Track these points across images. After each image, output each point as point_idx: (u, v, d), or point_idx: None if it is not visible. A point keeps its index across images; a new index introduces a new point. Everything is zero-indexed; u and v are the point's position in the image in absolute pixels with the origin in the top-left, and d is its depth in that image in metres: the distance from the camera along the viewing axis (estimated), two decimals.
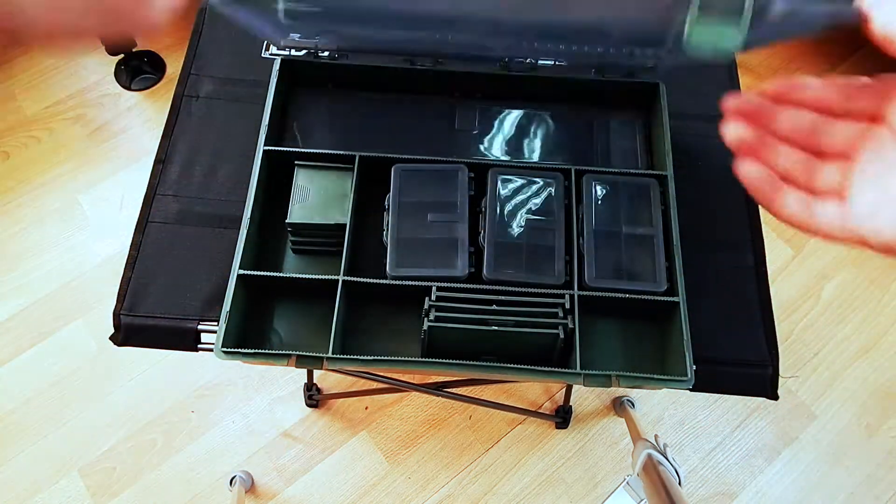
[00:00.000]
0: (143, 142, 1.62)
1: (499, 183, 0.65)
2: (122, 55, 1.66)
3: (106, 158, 1.60)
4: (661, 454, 0.77)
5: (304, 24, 0.63)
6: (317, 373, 1.33)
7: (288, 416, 1.34)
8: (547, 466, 1.32)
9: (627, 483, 0.80)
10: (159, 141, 0.73)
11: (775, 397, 0.63)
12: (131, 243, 0.68)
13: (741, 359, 0.64)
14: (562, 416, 1.33)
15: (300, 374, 1.35)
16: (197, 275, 0.66)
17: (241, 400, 1.35)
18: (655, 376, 0.56)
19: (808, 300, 1.47)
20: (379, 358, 0.56)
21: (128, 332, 0.64)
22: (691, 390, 0.63)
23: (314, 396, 1.33)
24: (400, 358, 0.57)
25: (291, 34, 0.68)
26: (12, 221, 1.51)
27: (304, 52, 0.73)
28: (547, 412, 1.35)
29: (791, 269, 1.51)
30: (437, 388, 1.11)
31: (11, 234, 1.50)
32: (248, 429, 1.33)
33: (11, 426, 1.32)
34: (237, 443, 1.32)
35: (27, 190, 1.55)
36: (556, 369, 0.56)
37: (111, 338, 0.65)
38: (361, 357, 0.56)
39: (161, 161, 0.72)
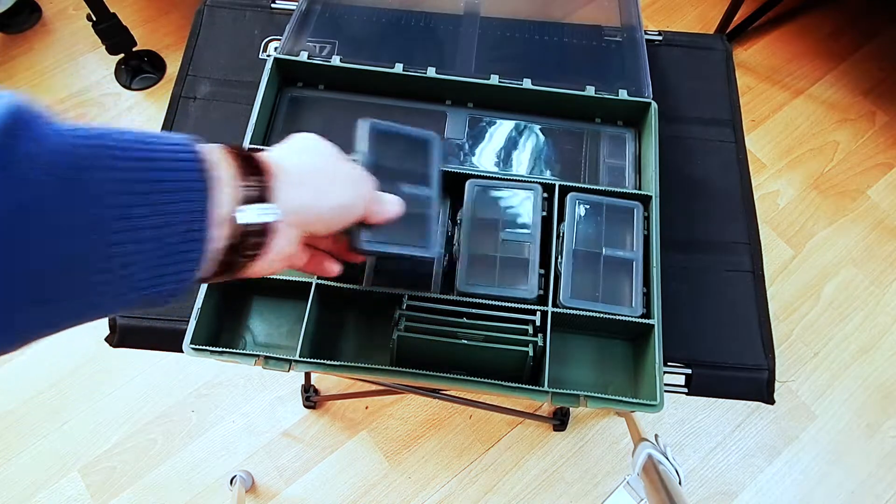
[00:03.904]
0: None
1: (475, 194, 0.64)
2: (122, 55, 1.66)
3: None
4: (662, 454, 0.76)
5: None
6: (315, 374, 1.33)
7: (288, 415, 1.35)
8: (547, 466, 1.32)
9: (627, 483, 0.79)
10: None
11: (771, 401, 0.63)
12: None
13: (737, 363, 0.64)
14: (559, 419, 1.33)
15: (301, 375, 1.35)
16: None
17: (241, 400, 1.36)
18: (624, 399, 0.55)
19: (808, 300, 1.47)
20: (347, 364, 0.56)
21: (123, 334, 0.64)
22: (687, 394, 0.63)
23: (311, 398, 1.33)
24: (369, 365, 0.56)
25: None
26: None
27: (300, 53, 0.73)
28: (545, 414, 1.35)
29: (791, 269, 1.51)
30: (434, 392, 1.11)
31: None
32: (249, 428, 1.34)
33: (11, 426, 1.32)
34: (237, 442, 1.32)
35: None
36: (524, 386, 0.55)
37: (107, 339, 0.65)
38: (329, 362, 0.56)
39: None
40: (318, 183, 0.42)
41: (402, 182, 0.53)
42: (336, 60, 0.72)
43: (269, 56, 0.73)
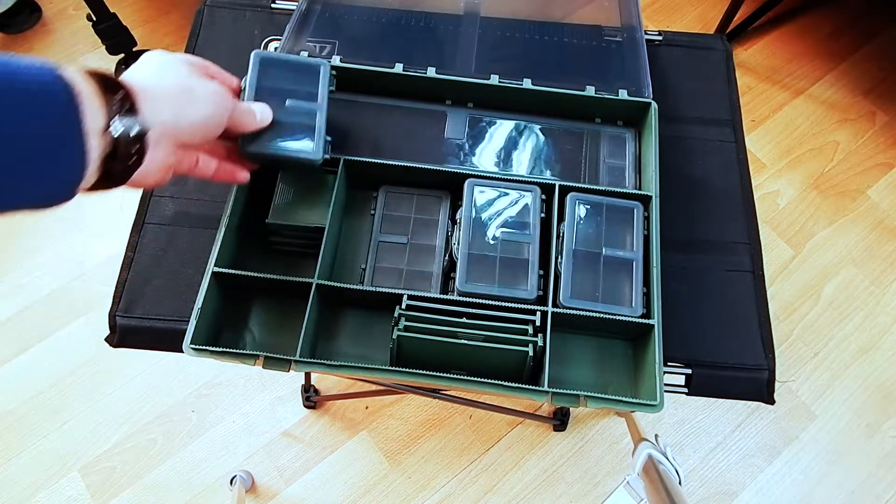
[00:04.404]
0: None
1: (475, 194, 0.64)
2: (122, 55, 1.66)
3: None
4: (662, 454, 0.76)
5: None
6: (315, 374, 1.33)
7: (288, 415, 1.35)
8: (547, 466, 1.32)
9: (627, 483, 0.79)
10: None
11: (772, 402, 0.63)
12: (127, 244, 0.68)
13: (737, 363, 0.64)
14: (559, 419, 1.33)
15: (301, 374, 1.35)
16: (192, 276, 0.66)
17: (241, 399, 1.36)
18: (624, 399, 0.55)
19: (808, 300, 1.47)
20: (347, 364, 0.56)
21: (123, 334, 0.64)
22: (687, 394, 0.63)
23: (311, 398, 1.33)
24: (368, 365, 0.56)
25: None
26: (12, 221, 1.52)
27: (300, 53, 0.73)
28: (545, 414, 1.35)
29: (791, 269, 1.51)
30: (434, 392, 1.11)
31: (11, 234, 1.50)
32: (249, 428, 1.34)
33: (11, 426, 1.32)
34: (237, 442, 1.32)
35: None
36: (524, 386, 0.55)
37: (107, 339, 0.65)
38: (329, 362, 0.56)
39: None
40: (177, 101, 0.48)
41: (288, 99, 0.60)
42: (336, 60, 0.72)
43: None
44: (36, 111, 0.36)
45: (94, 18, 1.49)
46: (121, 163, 0.42)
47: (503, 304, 0.59)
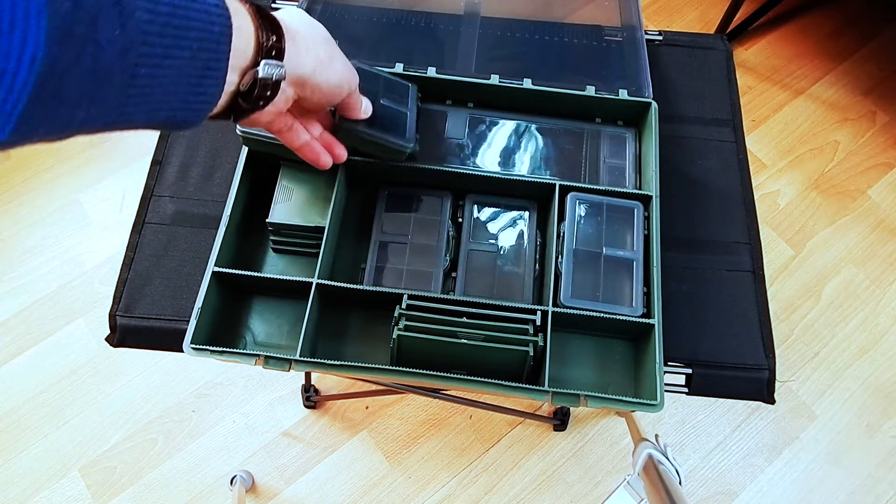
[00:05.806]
0: (144, 141, 1.62)
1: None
2: None
3: (106, 158, 1.60)
4: (662, 454, 0.76)
5: None
6: (315, 374, 1.33)
7: (288, 415, 1.35)
8: (547, 466, 1.32)
9: (627, 483, 0.79)
10: (156, 142, 0.73)
11: (772, 401, 0.63)
12: (127, 244, 0.68)
13: (738, 363, 0.64)
14: (560, 419, 1.32)
15: (301, 374, 1.35)
16: (192, 276, 0.66)
17: (241, 399, 1.36)
18: (625, 398, 0.55)
19: (809, 300, 1.47)
20: (347, 364, 0.56)
21: (123, 334, 0.64)
22: (688, 394, 0.63)
23: (312, 398, 1.33)
24: (369, 364, 0.56)
25: None
26: (12, 221, 1.52)
27: None
28: (545, 414, 1.35)
29: (791, 268, 1.51)
30: (434, 391, 1.10)
31: (11, 234, 1.50)
32: (249, 428, 1.33)
33: (12, 426, 1.32)
34: (238, 442, 1.32)
35: (27, 190, 1.55)
36: (524, 385, 0.55)
37: (107, 339, 0.65)
38: (329, 362, 0.56)
39: (158, 162, 0.72)
40: (321, 55, 0.48)
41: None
42: None
43: None
44: (194, 36, 0.36)
45: None
46: (251, 101, 0.43)
47: (503, 303, 0.59)
